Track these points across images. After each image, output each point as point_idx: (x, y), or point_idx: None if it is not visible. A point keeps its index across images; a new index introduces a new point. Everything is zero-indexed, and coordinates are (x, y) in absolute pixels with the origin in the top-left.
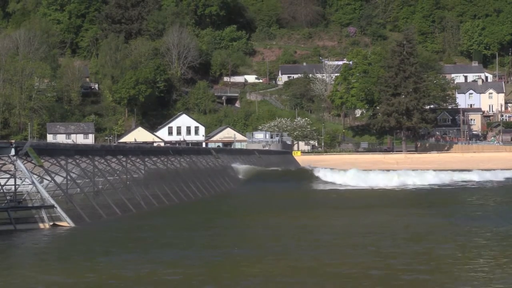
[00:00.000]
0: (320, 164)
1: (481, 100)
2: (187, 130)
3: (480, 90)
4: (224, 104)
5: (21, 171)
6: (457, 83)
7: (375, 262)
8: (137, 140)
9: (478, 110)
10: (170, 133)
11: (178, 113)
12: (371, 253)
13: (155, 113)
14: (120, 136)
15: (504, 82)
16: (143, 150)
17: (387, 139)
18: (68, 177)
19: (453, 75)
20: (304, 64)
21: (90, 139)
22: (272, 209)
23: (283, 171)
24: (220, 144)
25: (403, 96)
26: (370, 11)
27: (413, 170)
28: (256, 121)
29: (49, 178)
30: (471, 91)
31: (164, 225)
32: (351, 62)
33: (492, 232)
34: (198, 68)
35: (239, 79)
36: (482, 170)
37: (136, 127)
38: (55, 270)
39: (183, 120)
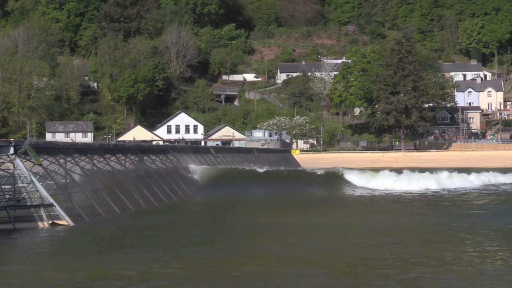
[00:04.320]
0: (320, 162)
1: (480, 98)
2: (186, 128)
3: (479, 88)
4: (223, 102)
5: (20, 169)
6: (456, 81)
7: None
8: (136, 139)
9: (477, 108)
10: (169, 131)
11: (177, 112)
12: None
13: (154, 111)
14: (119, 134)
15: (503, 81)
16: (142, 148)
17: (386, 138)
18: (67, 176)
19: (452, 74)
20: (303, 62)
21: (89, 138)
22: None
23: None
24: (219, 143)
25: (402, 95)
26: (369, 9)
27: None
28: (255, 120)
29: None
30: (470, 89)
31: None
32: (350, 61)
33: None
34: (197, 66)
35: (238, 77)
36: None
37: (135, 125)
38: (54, 268)
39: (182, 119)
